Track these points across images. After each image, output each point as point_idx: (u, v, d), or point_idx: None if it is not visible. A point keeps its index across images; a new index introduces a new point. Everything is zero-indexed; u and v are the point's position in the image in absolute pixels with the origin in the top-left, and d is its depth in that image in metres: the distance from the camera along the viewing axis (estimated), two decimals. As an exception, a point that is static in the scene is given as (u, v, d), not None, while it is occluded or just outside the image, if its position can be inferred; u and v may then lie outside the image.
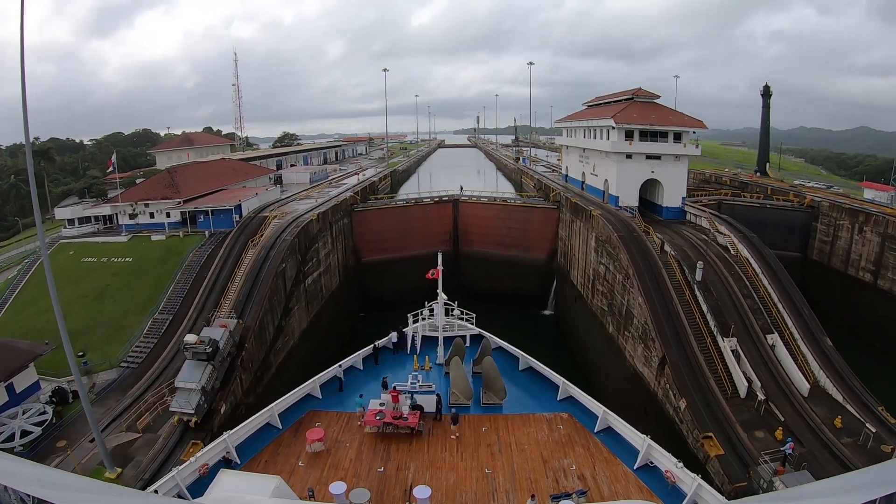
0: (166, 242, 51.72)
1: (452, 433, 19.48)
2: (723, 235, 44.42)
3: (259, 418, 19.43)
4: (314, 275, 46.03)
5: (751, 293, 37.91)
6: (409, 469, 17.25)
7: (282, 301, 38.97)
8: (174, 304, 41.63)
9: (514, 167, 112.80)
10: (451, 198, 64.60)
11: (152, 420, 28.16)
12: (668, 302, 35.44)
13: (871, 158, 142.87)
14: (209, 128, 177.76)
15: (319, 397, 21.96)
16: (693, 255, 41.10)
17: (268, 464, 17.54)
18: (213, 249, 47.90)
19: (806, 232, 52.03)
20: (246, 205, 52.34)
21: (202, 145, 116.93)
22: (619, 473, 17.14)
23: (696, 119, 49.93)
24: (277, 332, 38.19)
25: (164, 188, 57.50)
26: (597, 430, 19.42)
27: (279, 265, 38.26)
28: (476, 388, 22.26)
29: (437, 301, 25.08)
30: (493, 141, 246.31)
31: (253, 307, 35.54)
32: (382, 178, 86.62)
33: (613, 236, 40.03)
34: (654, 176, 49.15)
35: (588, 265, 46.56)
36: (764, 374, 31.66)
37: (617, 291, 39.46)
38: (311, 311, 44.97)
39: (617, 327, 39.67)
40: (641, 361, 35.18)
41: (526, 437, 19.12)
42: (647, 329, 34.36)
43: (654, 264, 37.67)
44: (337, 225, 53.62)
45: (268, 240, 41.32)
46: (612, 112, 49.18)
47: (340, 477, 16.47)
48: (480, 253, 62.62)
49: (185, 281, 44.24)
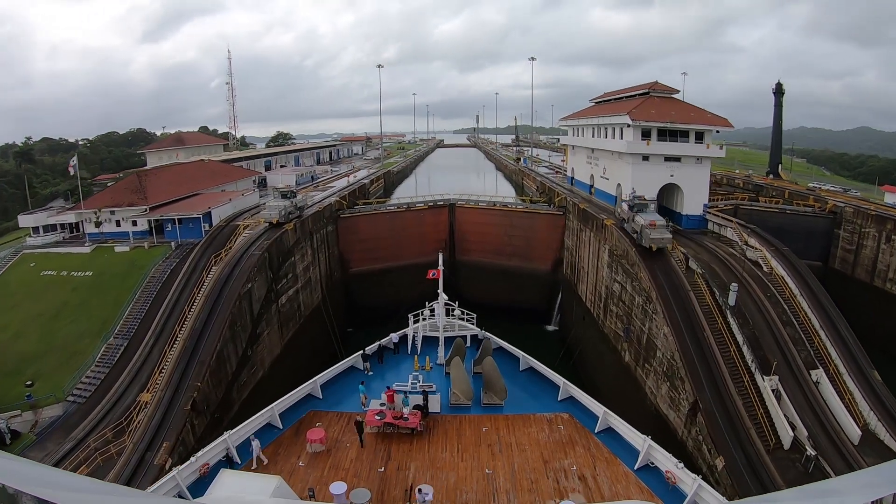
0: (130, 254, 47.02)
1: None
2: (753, 249, 39.06)
3: (259, 418, 19.31)
4: (289, 292, 40.67)
5: (790, 319, 32.67)
6: (409, 469, 17.23)
7: (247, 327, 33.66)
8: (131, 327, 36.91)
9: (514, 168, 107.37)
10: (447, 202, 59.26)
11: (91, 472, 23.64)
12: (698, 332, 30.10)
13: (874, 159, 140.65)
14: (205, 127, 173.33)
15: (320, 397, 21.89)
16: (722, 273, 35.76)
17: (268, 463, 17.43)
18: (177, 264, 42.85)
19: (827, 239, 47.83)
20: (217, 212, 47.02)
21: (194, 145, 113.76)
22: (619, 474, 17.08)
23: (720, 116, 44.49)
24: (241, 363, 32.91)
25: (130, 194, 52.32)
26: (597, 431, 19.40)
27: (243, 286, 32.92)
28: (476, 388, 22.16)
29: (438, 301, 25.11)
30: (492, 141, 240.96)
31: (209, 338, 30.28)
32: (375, 179, 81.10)
33: (631, 251, 34.61)
34: (674, 180, 43.69)
35: (600, 281, 41.18)
36: (809, 418, 26.83)
37: (636, 316, 34.08)
38: (285, 334, 39.63)
39: (635, 357, 34.32)
40: (666, 403, 29.86)
41: (526, 438, 19.09)
42: (674, 366, 29.03)
43: (680, 286, 32.28)
44: (319, 234, 48.25)
45: (233, 255, 35.97)
46: (628, 108, 43.62)
47: (341, 477, 16.45)
48: (479, 262, 57.45)
49: (144, 300, 39.74)
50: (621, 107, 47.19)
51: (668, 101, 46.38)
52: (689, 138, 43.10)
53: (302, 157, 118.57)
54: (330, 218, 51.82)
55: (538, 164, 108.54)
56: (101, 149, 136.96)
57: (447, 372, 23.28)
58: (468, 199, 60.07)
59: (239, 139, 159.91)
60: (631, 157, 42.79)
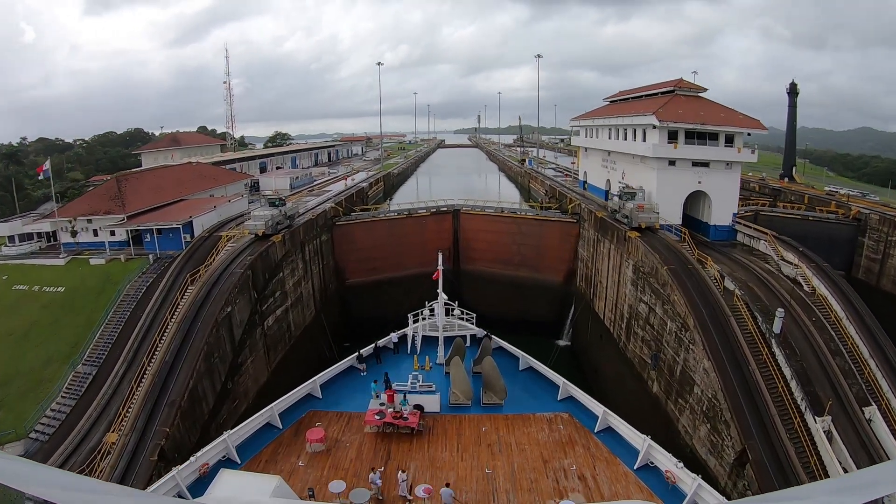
0: (106, 268, 43.33)
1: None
2: (790, 265, 35.12)
3: (259, 418, 19.29)
4: (277, 312, 36.69)
5: (838, 348, 28.84)
6: (409, 469, 17.12)
7: (227, 356, 29.72)
8: (101, 352, 33.42)
9: (519, 170, 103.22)
10: (451, 208, 55.33)
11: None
12: (742, 366, 26.11)
13: (878, 159, 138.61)
14: (204, 127, 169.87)
15: (320, 397, 21.84)
16: (763, 293, 31.80)
17: (268, 463, 17.47)
18: (154, 279, 39.01)
19: (851, 248, 44.68)
20: (199, 221, 43.02)
21: (190, 146, 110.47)
22: (619, 473, 17.06)
23: (752, 118, 40.44)
24: (221, 398, 28.97)
25: (108, 200, 48.38)
26: (597, 430, 19.35)
27: (221, 311, 28.93)
28: (476, 388, 22.08)
29: (438, 301, 25.12)
30: (494, 141, 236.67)
31: (181, 374, 26.32)
32: (374, 182, 77.07)
33: (662, 269, 30.60)
34: (701, 187, 39.64)
35: (622, 299, 37.19)
36: (864, 462, 23.13)
37: (667, 343, 30.11)
38: (273, 358, 35.68)
39: (666, 389, 30.36)
40: (705, 447, 25.90)
41: (526, 437, 19.08)
42: (716, 406, 25.08)
43: (719, 311, 28.26)
44: (312, 244, 44.30)
45: (211, 274, 31.98)
46: (653, 107, 39.46)
47: (341, 477, 16.47)
48: (484, 272, 53.57)
49: (117, 321, 36.33)
50: (644, 106, 43.04)
51: (695, 99, 42.24)
52: (718, 141, 39.08)
53: (299, 159, 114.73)
54: (324, 226, 47.87)
55: (544, 165, 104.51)
56: (97, 149, 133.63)
57: (447, 372, 23.23)
58: (473, 206, 56.10)
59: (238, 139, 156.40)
60: (656, 161, 38.71)
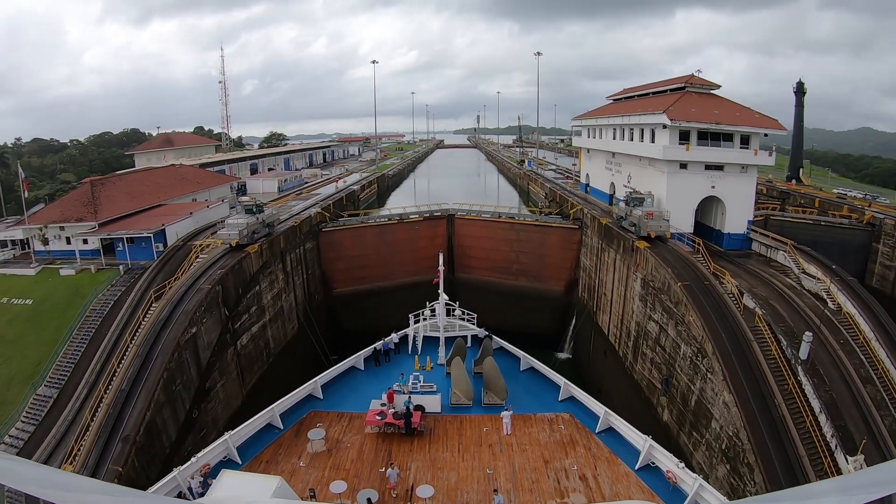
0: (75, 279, 40.79)
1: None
2: (813, 279, 32.10)
3: (260, 419, 19.31)
4: (254, 329, 33.67)
5: (869, 375, 25.79)
6: (410, 469, 17.15)
7: (192, 382, 26.71)
8: (64, 372, 30.85)
9: (519, 172, 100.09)
10: (445, 213, 52.35)
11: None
12: (767, 399, 23.06)
13: (879, 160, 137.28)
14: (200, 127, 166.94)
15: (321, 398, 21.81)
16: (785, 311, 28.74)
17: (269, 464, 17.42)
18: (122, 293, 36.10)
19: (864, 254, 42.32)
20: (173, 229, 39.98)
21: (183, 146, 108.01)
22: (620, 473, 17.00)
23: (769, 117, 37.31)
24: (185, 429, 25.99)
25: (80, 207, 45.45)
26: (598, 431, 19.33)
27: (184, 332, 25.89)
28: (477, 388, 22.02)
29: (439, 301, 25.27)
30: (493, 141, 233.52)
31: (137, 405, 23.33)
32: (367, 185, 73.94)
33: (675, 286, 27.55)
34: (715, 192, 36.55)
35: (628, 315, 34.17)
36: None
37: (680, 369, 27.08)
38: (248, 380, 32.66)
39: (678, 419, 27.33)
40: (724, 490, 22.82)
41: (527, 438, 19.04)
42: (737, 446, 22.07)
43: (740, 335, 25.19)
44: (295, 253, 41.27)
45: (177, 290, 28.93)
46: (663, 105, 36.28)
47: (342, 477, 16.45)
48: (481, 281, 50.61)
49: (81, 339, 33.96)
50: (652, 104, 39.87)
51: (708, 97, 38.98)
52: (733, 143, 35.99)
53: (293, 160, 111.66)
54: (309, 233, 44.83)
55: (544, 166, 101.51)
56: (92, 150, 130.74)
57: (448, 372, 23.12)
58: (469, 210, 53.10)
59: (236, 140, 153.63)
60: (667, 164, 35.56)
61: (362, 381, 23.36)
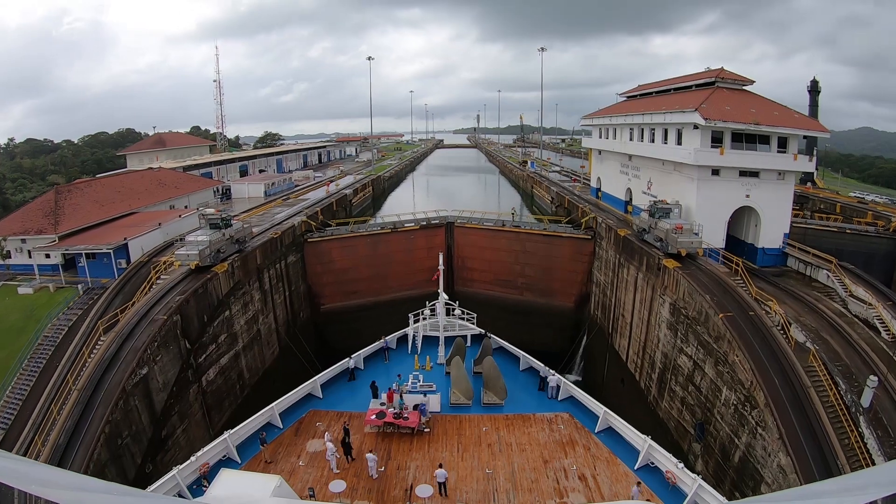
0: (32, 298, 36.45)
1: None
2: (862, 303, 27.73)
3: (260, 418, 19.30)
4: (223, 361, 29.31)
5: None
6: (409, 469, 17.14)
7: (143, 433, 22.39)
8: (11, 410, 26.79)
9: (521, 174, 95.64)
10: (443, 221, 48.11)
11: None
12: (829, 462, 18.74)
13: (881, 160, 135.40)
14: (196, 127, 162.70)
15: (320, 397, 21.82)
16: (839, 346, 24.38)
17: (268, 463, 17.34)
18: (79, 317, 31.78)
19: (890, 264, 39.43)
20: (137, 243, 35.56)
21: (176, 146, 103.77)
22: (619, 474, 16.97)
23: (810, 118, 33.10)
24: (136, 485, 21.62)
25: (41, 217, 41.05)
26: (597, 431, 19.30)
27: (132, 375, 21.55)
28: (477, 388, 21.99)
29: (439, 300, 25.57)
30: (494, 141, 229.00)
31: (74, 463, 19.06)
32: (360, 188, 69.47)
33: (715, 318, 23.19)
34: (749, 202, 32.18)
35: (653, 342, 29.85)
36: None
37: (720, 416, 22.74)
38: (217, 419, 28.30)
39: (715, 474, 23.00)
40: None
41: (527, 438, 19.03)
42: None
43: (795, 380, 20.81)
44: (274, 269, 36.94)
45: (127, 322, 24.57)
46: (694, 102, 31.71)
47: (341, 477, 16.52)
48: (482, 295, 46.47)
49: (30, 373, 29.89)
50: (678, 101, 35.24)
51: (741, 93, 34.47)
52: (769, 145, 31.61)
53: (286, 161, 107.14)
54: (292, 245, 40.50)
55: (547, 168, 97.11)
56: (85, 151, 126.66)
57: (447, 371, 23.12)
58: (470, 217, 48.85)
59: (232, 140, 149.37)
60: (697, 170, 31.11)
61: (362, 380, 23.09)
